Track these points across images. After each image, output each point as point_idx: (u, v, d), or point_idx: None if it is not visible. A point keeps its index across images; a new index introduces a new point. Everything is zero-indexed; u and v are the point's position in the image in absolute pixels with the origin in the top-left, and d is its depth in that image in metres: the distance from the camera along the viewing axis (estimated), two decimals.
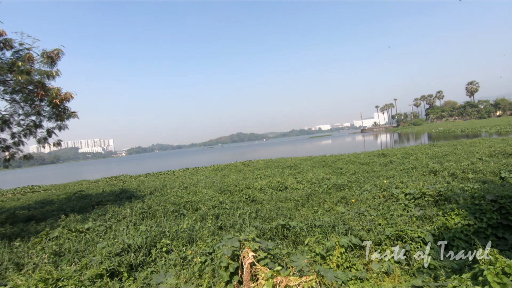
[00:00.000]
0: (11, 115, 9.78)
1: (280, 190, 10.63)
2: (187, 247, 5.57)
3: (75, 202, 12.73)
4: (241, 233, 5.73)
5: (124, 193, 14.01)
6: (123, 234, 6.41)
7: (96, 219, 8.42)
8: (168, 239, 5.74)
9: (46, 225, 8.34)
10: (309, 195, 8.92)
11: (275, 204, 8.32)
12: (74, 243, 5.80)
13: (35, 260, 4.74)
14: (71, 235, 6.82)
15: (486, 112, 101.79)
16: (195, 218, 7.92)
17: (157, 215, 8.89)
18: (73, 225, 7.55)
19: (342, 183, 9.88)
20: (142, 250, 5.26)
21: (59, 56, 8.55)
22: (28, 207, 13.00)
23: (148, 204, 9.90)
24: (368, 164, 15.18)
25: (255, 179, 13.64)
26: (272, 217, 6.78)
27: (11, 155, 10.40)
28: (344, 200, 7.78)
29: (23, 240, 6.91)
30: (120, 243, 5.35)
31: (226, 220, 7.05)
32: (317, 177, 12.08)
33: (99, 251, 4.99)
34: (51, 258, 4.90)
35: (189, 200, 10.30)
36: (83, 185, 21.95)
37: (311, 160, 20.08)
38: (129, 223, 7.68)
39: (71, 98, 8.51)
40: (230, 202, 9.06)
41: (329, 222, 5.61)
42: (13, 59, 8.62)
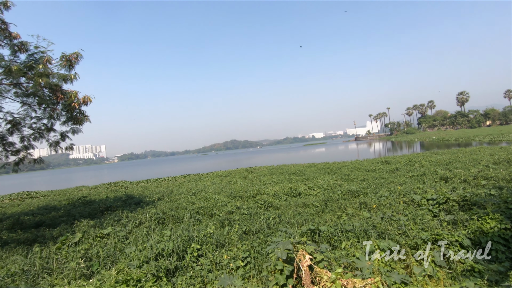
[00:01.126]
0: (23, 118, 9.65)
1: (294, 196, 10.64)
2: (217, 251, 5.51)
3: (82, 207, 12.47)
4: (273, 237, 5.71)
5: (131, 199, 13.79)
6: (148, 239, 6.31)
7: (113, 224, 8.26)
8: (197, 244, 5.67)
9: (61, 231, 8.14)
10: (326, 200, 8.95)
11: (295, 209, 8.32)
12: (100, 248, 5.67)
13: (71, 265, 4.61)
14: (92, 241, 6.68)
15: (476, 121, 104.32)
16: (213, 223, 7.86)
17: (172, 220, 8.80)
18: (91, 231, 7.40)
19: (356, 189, 9.94)
20: (174, 255, 5.19)
21: (78, 60, 8.50)
22: (31, 213, 12.68)
23: (161, 210, 9.77)
24: (375, 171, 15.33)
25: (264, 185, 13.61)
26: (298, 222, 6.77)
27: (20, 159, 10.21)
28: (363, 206, 7.82)
29: (43, 246, 6.73)
30: (153, 248, 5.26)
31: (249, 225, 7.00)
32: (328, 183, 12.14)
33: (135, 255, 4.90)
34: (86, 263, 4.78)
35: (202, 205, 10.21)
36: (83, 191, 21.52)
37: (314, 167, 20.17)
38: (148, 229, 7.56)
39: (90, 102, 8.44)
40: (247, 208, 9.01)
41: (360, 227, 5.63)
42: (29, 62, 8.54)
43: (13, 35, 9.05)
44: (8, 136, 9.90)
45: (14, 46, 8.92)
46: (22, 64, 8.33)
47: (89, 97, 8.38)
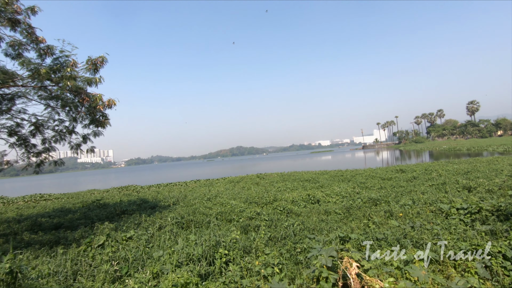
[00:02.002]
0: (46, 120, 9.80)
1: (312, 203, 10.48)
2: (245, 257, 5.41)
3: (98, 210, 12.50)
4: (312, 244, 5.60)
5: (145, 203, 13.79)
6: (173, 244, 6.25)
7: (134, 228, 8.23)
8: (225, 249, 5.58)
9: (82, 233, 8.13)
10: (348, 208, 8.79)
11: (317, 216, 8.18)
12: (128, 251, 5.62)
13: (104, 267, 4.56)
14: (115, 243, 6.64)
15: (487, 131, 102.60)
16: (234, 228, 7.77)
17: (192, 225, 8.72)
18: (113, 234, 7.37)
19: (377, 197, 9.75)
20: (203, 260, 5.10)
21: (104, 63, 8.63)
22: (48, 215, 12.76)
23: (179, 214, 9.72)
24: (391, 179, 15.08)
25: (279, 192, 13.48)
26: (323, 229, 6.63)
27: (41, 160, 10.34)
28: (388, 214, 7.64)
29: (67, 248, 6.72)
30: (183, 252, 5.20)
31: (273, 231, 6.89)
32: (346, 191, 11.96)
33: (167, 259, 4.83)
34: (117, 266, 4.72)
35: (219, 211, 10.12)
36: (95, 194, 21.66)
37: (327, 174, 19.96)
38: (170, 233, 7.50)
39: (114, 105, 8.52)
40: (267, 214, 8.90)
41: (391, 235, 5.48)
42: (56, 65, 8.69)
43: (39, 39, 9.25)
44: (30, 138, 10.06)
45: (40, 50, 9.10)
46: (48, 67, 8.49)
47: (113, 100, 8.46)
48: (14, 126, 9.63)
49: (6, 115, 9.50)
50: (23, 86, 8.47)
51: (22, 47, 9.08)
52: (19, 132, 9.80)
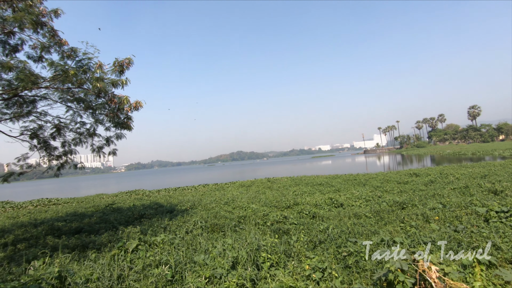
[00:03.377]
0: (68, 123, 9.71)
1: (336, 207, 10.34)
2: (289, 261, 5.28)
3: (115, 215, 12.32)
4: (344, 248, 5.45)
5: (160, 207, 13.62)
6: (211, 247, 6.10)
7: (160, 232, 8.08)
8: (266, 252, 5.43)
9: (109, 237, 7.98)
10: (376, 212, 8.65)
11: (348, 220, 8.03)
12: (170, 255, 5.47)
13: (156, 271, 4.42)
14: (148, 247, 6.49)
15: (489, 136, 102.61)
16: (268, 232, 7.65)
17: (217, 229, 8.57)
18: (143, 237, 7.21)
19: (403, 201, 9.61)
20: (249, 264, 4.96)
21: (130, 65, 8.56)
22: (63, 219, 12.58)
23: (203, 218, 9.57)
24: (407, 183, 14.94)
25: (298, 196, 13.34)
26: (361, 232, 6.49)
27: (61, 163, 10.22)
28: (422, 217, 7.50)
29: (98, 252, 6.56)
30: (226, 256, 5.05)
31: (307, 235, 6.75)
32: (367, 195, 11.82)
33: (216, 263, 4.68)
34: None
35: (242, 215, 9.98)
36: (104, 198, 21.47)
37: (339, 178, 19.81)
38: (200, 236, 7.35)
39: (141, 107, 8.43)
40: (294, 218, 8.75)
41: (439, 238, 5.35)
42: (82, 67, 8.62)
43: (62, 41, 9.20)
44: (50, 140, 9.97)
45: (64, 52, 9.04)
46: (76, 68, 8.41)
47: (140, 102, 8.37)
48: (36, 128, 9.55)
49: (27, 117, 9.43)
50: (48, 88, 8.39)
51: (45, 50, 9.01)
52: (41, 134, 9.70)
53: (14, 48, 8.87)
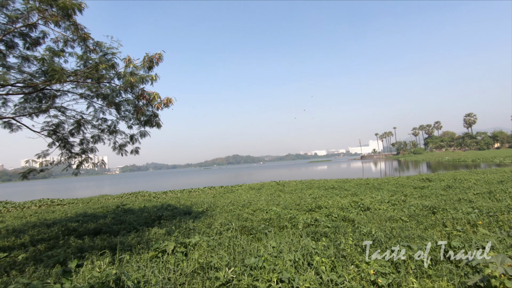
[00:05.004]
0: (91, 119, 9.38)
1: (363, 210, 10.12)
2: (343, 265, 5.03)
3: (130, 216, 11.92)
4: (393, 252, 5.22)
5: (175, 209, 13.26)
6: (255, 250, 5.82)
7: (190, 233, 7.77)
8: (318, 256, 5.18)
9: (136, 238, 7.62)
10: (411, 215, 8.45)
11: (384, 223, 7.81)
12: (217, 258, 5.18)
13: (220, 274, 4.12)
14: (184, 250, 6.18)
15: (485, 143, 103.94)
16: (293, 235, 7.40)
17: (245, 232, 8.28)
18: (178, 239, 6.90)
19: (433, 205, 9.44)
20: (308, 267, 4.69)
21: (160, 61, 8.30)
22: (75, 219, 12.14)
23: (228, 220, 9.27)
24: (424, 188, 14.81)
25: (317, 199, 13.10)
26: (409, 236, 6.26)
27: (80, 161, 9.88)
28: (466, 222, 7.31)
29: (131, 254, 6.23)
30: (282, 259, 4.78)
31: (351, 238, 6.50)
32: (389, 199, 11.64)
33: (282, 266, 4.40)
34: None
35: (265, 217, 9.71)
36: (110, 199, 20.96)
37: (351, 182, 19.64)
38: (234, 238, 7.05)
39: (171, 104, 8.15)
40: (325, 221, 8.51)
41: (499, 243, 5.16)
42: (107, 62, 8.33)
43: (85, 35, 8.91)
44: (69, 137, 9.63)
45: (87, 46, 8.74)
46: (104, 62, 8.12)
47: (171, 99, 8.09)
48: (56, 124, 9.21)
49: (48, 113, 9.09)
50: (77, 82, 8.07)
51: (68, 43, 8.71)
52: (61, 131, 9.37)
53: (36, 41, 8.53)
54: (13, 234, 9.82)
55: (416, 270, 4.68)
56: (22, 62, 8.31)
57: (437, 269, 4.69)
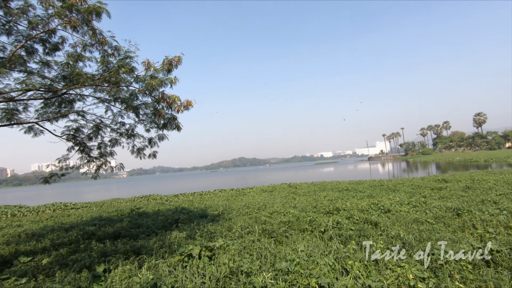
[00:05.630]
0: (110, 123, 9.41)
1: (384, 212, 9.91)
2: (377, 269, 4.88)
3: (147, 219, 11.90)
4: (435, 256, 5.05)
5: (190, 212, 13.21)
6: (280, 254, 5.70)
7: (211, 236, 7.70)
8: (352, 260, 5.03)
9: (158, 242, 7.56)
10: (435, 218, 8.24)
11: (410, 226, 7.62)
12: (247, 262, 5.08)
13: (257, 280, 4.03)
14: (209, 253, 6.10)
15: (496, 143, 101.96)
16: (320, 237, 7.26)
17: (266, 234, 8.16)
18: (203, 243, 6.82)
19: (457, 207, 9.19)
20: (344, 271, 4.57)
21: (179, 63, 8.29)
22: (92, 223, 12.18)
23: (248, 223, 9.17)
24: (443, 189, 14.49)
25: (333, 201, 12.91)
26: (440, 239, 6.07)
27: (98, 166, 9.91)
28: (499, 224, 7.07)
29: (157, 258, 6.17)
30: (315, 264, 4.66)
31: (380, 242, 6.33)
32: (409, 200, 11.40)
33: (309, 272, 4.28)
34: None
35: (284, 220, 9.59)
36: (122, 203, 21.06)
37: (365, 184, 19.37)
38: (255, 241, 6.95)
39: (191, 107, 8.11)
40: (348, 223, 8.35)
41: None
42: (126, 66, 8.33)
43: (102, 40, 8.95)
44: (87, 141, 9.68)
45: (105, 51, 8.78)
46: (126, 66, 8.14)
47: (191, 102, 8.05)
48: (76, 129, 9.27)
49: (67, 117, 9.15)
50: (96, 85, 8.09)
51: (87, 48, 8.75)
52: (81, 135, 9.42)
53: (55, 46, 8.58)
54: (33, 238, 9.89)
55: (452, 273, 4.52)
56: (42, 67, 8.39)
57: (479, 273, 4.52)
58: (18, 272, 5.75)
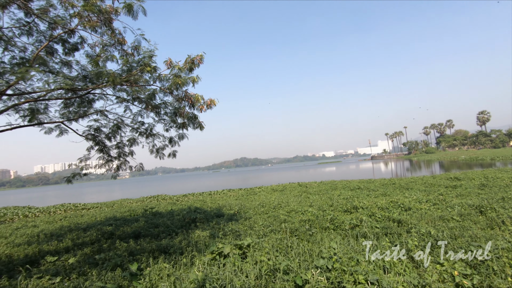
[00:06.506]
0: (130, 122, 9.42)
1: (405, 210, 9.86)
2: (416, 266, 4.84)
3: (163, 219, 11.89)
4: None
5: (205, 212, 13.20)
6: (312, 251, 5.67)
7: (234, 235, 7.68)
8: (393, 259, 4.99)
9: (183, 241, 7.54)
10: (461, 215, 8.18)
11: (436, 224, 7.56)
12: (286, 260, 5.05)
13: (283, 276, 4.00)
14: (239, 252, 6.07)
15: (500, 141, 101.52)
16: (338, 236, 7.23)
17: (289, 233, 8.12)
18: (233, 241, 6.80)
19: (480, 204, 9.13)
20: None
21: (201, 62, 8.27)
22: (107, 223, 12.18)
23: (269, 222, 9.15)
24: (458, 187, 14.42)
25: (349, 199, 12.87)
26: (472, 237, 6.02)
27: (117, 165, 9.92)
28: None
29: (187, 257, 6.15)
30: (354, 260, 4.62)
31: (416, 240, 6.29)
32: (427, 198, 11.35)
33: (353, 269, 4.24)
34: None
35: (304, 219, 9.56)
36: (132, 203, 21.08)
37: (376, 183, 19.30)
38: (279, 241, 6.92)
39: (214, 105, 8.10)
40: (373, 221, 8.30)
41: None
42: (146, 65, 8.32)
43: (121, 40, 8.94)
44: (106, 141, 9.69)
45: (124, 50, 8.77)
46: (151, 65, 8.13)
47: (214, 100, 8.03)
48: (96, 128, 9.29)
49: (87, 117, 9.17)
50: (121, 84, 8.08)
51: (106, 48, 8.76)
52: (101, 135, 9.43)
53: (74, 46, 8.59)
54: (52, 238, 9.90)
55: (498, 271, 4.47)
56: (61, 67, 8.41)
57: None
58: (51, 271, 5.74)
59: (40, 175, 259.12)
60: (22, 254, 7.93)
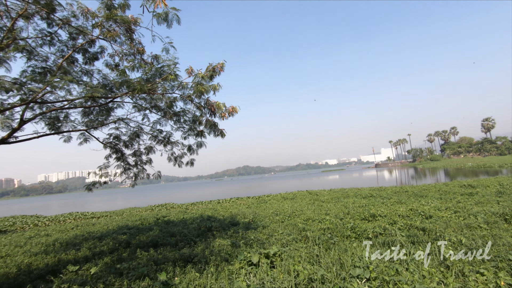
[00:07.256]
0: (149, 130, 9.44)
1: (426, 218, 9.70)
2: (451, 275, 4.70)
3: (177, 227, 11.77)
4: None
5: (219, 220, 13.07)
6: (344, 260, 5.55)
7: (256, 244, 7.56)
8: (428, 266, 4.87)
9: (207, 250, 7.44)
10: (487, 223, 8.03)
11: (467, 231, 7.42)
12: (321, 269, 4.94)
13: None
14: (267, 261, 5.96)
15: (506, 148, 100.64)
16: (370, 244, 7.07)
17: (310, 241, 7.99)
18: (260, 250, 6.69)
19: (504, 212, 8.97)
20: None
21: (222, 70, 8.32)
22: (121, 232, 12.08)
23: (289, 230, 9.03)
24: (474, 195, 14.20)
25: (365, 207, 12.70)
26: (507, 245, 5.88)
27: (135, 174, 9.92)
28: None
29: (215, 267, 6.04)
30: (392, 270, 4.51)
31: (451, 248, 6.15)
32: (446, 206, 11.17)
33: (396, 278, 4.13)
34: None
35: (323, 227, 9.42)
36: (141, 212, 20.97)
37: (388, 190, 19.09)
38: (305, 249, 6.81)
39: (235, 113, 8.10)
40: (396, 230, 8.16)
41: None
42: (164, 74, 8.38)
43: (140, 50, 9.04)
44: (124, 149, 9.71)
45: (143, 60, 8.85)
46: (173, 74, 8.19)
47: (235, 108, 8.04)
48: (115, 136, 9.32)
49: (106, 126, 9.21)
50: (144, 92, 8.13)
51: (125, 58, 8.86)
52: (120, 143, 9.45)
53: (94, 56, 8.70)
54: (68, 247, 9.81)
55: None
56: (81, 76, 8.49)
57: None
58: (78, 281, 5.65)
59: (43, 184, 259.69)
60: (41, 264, 7.85)
